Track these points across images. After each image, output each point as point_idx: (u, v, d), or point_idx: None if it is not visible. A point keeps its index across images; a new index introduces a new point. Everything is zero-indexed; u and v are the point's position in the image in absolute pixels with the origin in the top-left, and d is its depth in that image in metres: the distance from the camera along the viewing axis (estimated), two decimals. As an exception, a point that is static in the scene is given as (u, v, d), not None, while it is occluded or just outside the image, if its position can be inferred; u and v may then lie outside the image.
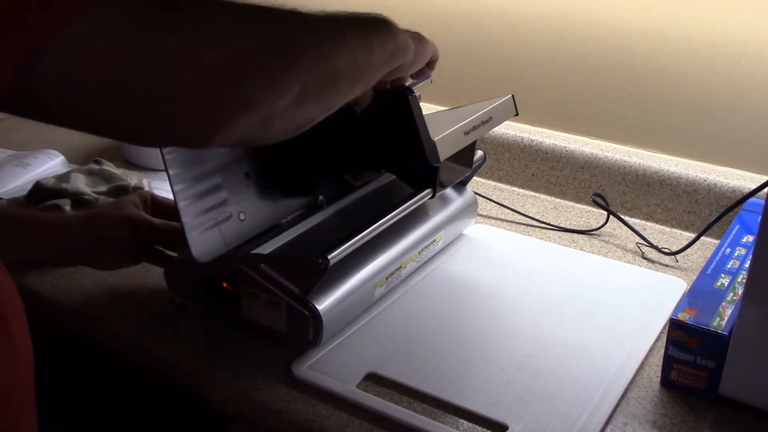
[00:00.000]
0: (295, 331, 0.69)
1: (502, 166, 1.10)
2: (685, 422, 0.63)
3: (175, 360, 0.73)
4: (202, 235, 0.68)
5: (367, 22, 0.57)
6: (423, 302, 0.79)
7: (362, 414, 0.64)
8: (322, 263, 0.65)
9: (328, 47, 0.51)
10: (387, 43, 0.58)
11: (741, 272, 0.72)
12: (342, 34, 0.53)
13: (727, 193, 0.94)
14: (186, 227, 0.67)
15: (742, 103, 0.93)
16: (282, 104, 0.48)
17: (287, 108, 0.48)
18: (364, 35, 0.55)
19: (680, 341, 0.65)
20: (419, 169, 0.73)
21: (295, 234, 0.76)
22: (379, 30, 0.57)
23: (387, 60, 0.59)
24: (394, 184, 0.88)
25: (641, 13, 0.97)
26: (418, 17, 1.16)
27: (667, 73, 0.97)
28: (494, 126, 0.82)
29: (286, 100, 0.48)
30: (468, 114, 0.78)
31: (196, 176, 0.68)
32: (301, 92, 0.49)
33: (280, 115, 0.49)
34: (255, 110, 0.47)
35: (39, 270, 0.85)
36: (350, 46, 0.53)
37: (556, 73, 1.06)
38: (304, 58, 0.49)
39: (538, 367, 0.69)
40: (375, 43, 0.56)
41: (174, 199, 0.66)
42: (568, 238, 0.96)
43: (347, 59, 0.53)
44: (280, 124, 0.50)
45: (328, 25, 0.53)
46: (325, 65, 0.51)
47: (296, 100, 0.49)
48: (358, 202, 0.84)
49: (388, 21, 0.59)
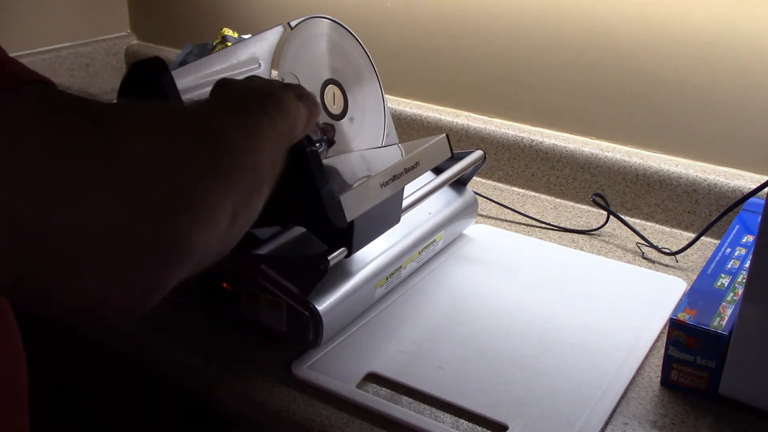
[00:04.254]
0: (295, 332, 0.69)
1: (502, 166, 1.10)
2: (685, 422, 0.63)
3: (175, 360, 0.73)
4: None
5: (264, 102, 0.50)
6: (423, 302, 0.79)
7: (362, 414, 0.64)
8: (322, 264, 0.65)
9: (252, 157, 0.43)
10: (291, 118, 0.52)
11: (741, 272, 0.72)
12: (259, 128, 0.46)
13: (727, 193, 0.94)
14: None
15: (742, 103, 0.93)
16: (215, 236, 0.39)
17: (218, 238, 0.40)
18: (270, 122, 0.49)
19: (680, 341, 0.65)
20: (329, 227, 0.64)
21: (295, 234, 0.76)
22: (281, 106, 0.51)
23: (287, 137, 0.53)
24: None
25: (641, 13, 0.97)
26: (418, 17, 1.16)
27: (667, 73, 0.97)
28: (422, 172, 0.73)
29: (221, 230, 0.39)
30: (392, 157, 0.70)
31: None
32: (232, 217, 0.41)
33: (214, 247, 0.40)
34: (193, 254, 0.37)
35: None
36: (266, 142, 0.46)
37: (556, 73, 1.06)
38: (240, 175, 0.41)
39: (538, 367, 0.69)
40: (279, 126, 0.50)
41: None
42: (568, 238, 0.96)
43: (266, 160, 0.45)
44: (211, 256, 0.41)
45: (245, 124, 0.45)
46: (254, 178, 0.43)
47: (228, 226, 0.40)
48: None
49: (281, 91, 0.53)
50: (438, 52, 1.16)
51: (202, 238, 0.37)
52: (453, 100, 1.17)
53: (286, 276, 0.68)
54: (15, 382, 0.53)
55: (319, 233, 0.67)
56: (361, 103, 0.88)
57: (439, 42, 1.16)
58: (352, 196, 0.64)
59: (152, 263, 0.35)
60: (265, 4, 1.34)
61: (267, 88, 0.54)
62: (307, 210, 0.64)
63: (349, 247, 0.68)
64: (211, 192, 0.38)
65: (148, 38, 1.52)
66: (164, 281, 0.36)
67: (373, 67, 0.88)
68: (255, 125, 0.47)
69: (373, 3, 1.19)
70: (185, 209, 0.36)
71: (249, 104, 0.49)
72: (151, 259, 0.35)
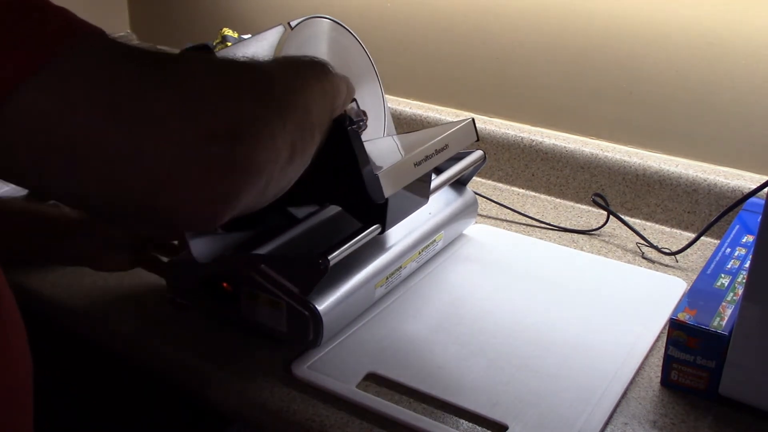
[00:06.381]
0: (295, 332, 0.69)
1: (502, 166, 1.10)
2: (685, 422, 0.63)
3: (175, 360, 0.73)
4: (203, 236, 0.68)
5: (310, 66, 0.56)
6: (423, 302, 0.79)
7: (362, 414, 0.64)
8: (322, 264, 0.65)
9: (303, 99, 0.50)
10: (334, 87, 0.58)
11: (741, 272, 0.72)
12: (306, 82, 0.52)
13: (727, 193, 0.94)
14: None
15: (742, 103, 0.93)
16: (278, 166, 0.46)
17: (280, 169, 0.47)
18: (318, 81, 0.55)
19: (680, 341, 0.65)
20: (365, 204, 0.67)
21: (295, 234, 0.76)
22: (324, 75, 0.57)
23: (333, 103, 0.58)
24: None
25: (641, 13, 0.97)
26: (418, 17, 1.16)
27: (667, 73, 0.97)
28: (451, 154, 0.77)
29: (282, 160, 0.46)
30: (422, 141, 0.73)
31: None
32: (291, 149, 0.47)
33: (275, 178, 0.47)
34: (260, 174, 0.44)
35: (39, 270, 0.86)
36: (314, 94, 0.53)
37: (556, 73, 1.06)
38: (294, 112, 0.48)
39: (538, 367, 0.69)
40: (326, 87, 0.56)
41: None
42: (568, 238, 0.96)
43: (316, 109, 0.52)
44: (272, 188, 0.48)
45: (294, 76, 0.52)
46: (306, 118, 0.50)
47: (287, 159, 0.47)
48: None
49: (325, 63, 0.59)
50: (438, 52, 1.16)
51: (265, 159, 0.44)
52: (453, 100, 1.17)
53: (286, 276, 0.68)
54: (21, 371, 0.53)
55: (355, 210, 0.71)
56: (361, 103, 0.87)
57: (439, 42, 1.16)
58: (389, 174, 0.67)
59: (225, 179, 0.41)
60: (265, 4, 1.34)
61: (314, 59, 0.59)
62: (346, 187, 0.67)
63: (383, 223, 0.71)
64: (269, 122, 0.44)
65: (148, 38, 1.52)
66: (236, 196, 0.43)
67: (373, 67, 0.88)
68: (304, 78, 0.53)
69: (373, 3, 1.19)
70: (249, 133, 0.42)
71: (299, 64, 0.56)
72: (224, 176, 0.41)
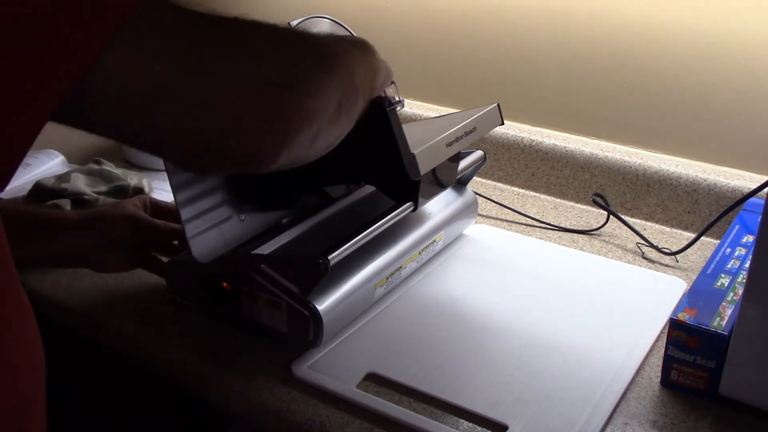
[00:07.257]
0: (295, 332, 0.69)
1: (502, 166, 1.10)
2: (685, 422, 0.63)
3: (175, 360, 0.73)
4: (203, 235, 0.68)
5: (355, 41, 0.61)
6: (423, 302, 0.79)
7: (362, 414, 0.64)
8: (322, 264, 0.65)
9: (348, 62, 0.54)
10: (375, 63, 0.62)
11: (741, 272, 0.72)
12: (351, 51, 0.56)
13: (727, 193, 0.94)
14: (186, 227, 0.67)
15: (742, 103, 0.93)
16: (326, 117, 0.50)
17: (328, 122, 0.51)
18: (362, 53, 0.59)
19: (680, 341, 0.65)
20: (399, 182, 0.72)
21: (296, 234, 0.76)
22: (367, 51, 0.61)
23: (374, 79, 0.62)
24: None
25: (641, 13, 0.97)
26: (418, 17, 1.16)
27: (667, 73, 0.97)
28: (479, 136, 0.81)
29: (330, 112, 0.51)
30: (451, 124, 0.77)
31: (196, 176, 0.68)
32: (338, 105, 0.51)
33: (324, 130, 0.51)
34: (312, 121, 0.49)
35: (39, 270, 0.86)
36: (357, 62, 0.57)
37: (556, 72, 1.06)
38: (340, 70, 0.52)
39: (538, 367, 0.69)
40: (368, 61, 0.60)
41: (174, 199, 0.66)
42: (568, 238, 0.96)
43: (361, 75, 0.57)
44: (322, 141, 0.52)
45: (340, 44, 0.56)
46: (351, 78, 0.54)
47: (334, 113, 0.51)
48: (359, 202, 0.84)
49: (369, 44, 0.62)
50: (438, 52, 1.16)
51: (314, 107, 0.49)
52: (453, 100, 1.17)
53: (286, 276, 0.68)
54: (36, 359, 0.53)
55: (389, 188, 0.75)
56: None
57: (440, 42, 1.16)
58: (424, 152, 0.70)
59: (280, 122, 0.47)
60: (265, 4, 1.34)
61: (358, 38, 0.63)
62: (383, 165, 0.70)
63: (416, 201, 0.75)
64: (318, 75, 0.49)
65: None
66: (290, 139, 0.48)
67: (373, 67, 0.88)
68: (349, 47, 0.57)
69: (373, 3, 1.19)
70: (301, 82, 0.48)
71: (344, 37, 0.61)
72: (279, 118, 0.46)
